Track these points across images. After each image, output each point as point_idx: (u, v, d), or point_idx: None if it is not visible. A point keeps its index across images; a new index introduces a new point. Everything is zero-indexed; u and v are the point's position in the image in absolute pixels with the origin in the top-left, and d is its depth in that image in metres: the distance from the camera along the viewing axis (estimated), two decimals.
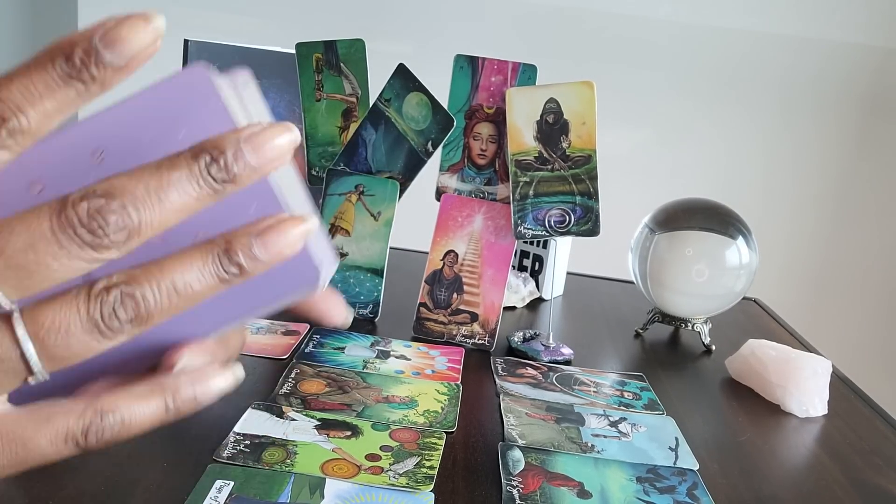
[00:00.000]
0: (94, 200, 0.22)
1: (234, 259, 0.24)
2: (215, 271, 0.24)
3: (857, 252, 1.94)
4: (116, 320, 0.23)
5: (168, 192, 0.23)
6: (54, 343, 0.23)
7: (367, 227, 0.83)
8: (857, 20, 1.81)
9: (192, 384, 0.27)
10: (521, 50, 1.82)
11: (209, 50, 0.89)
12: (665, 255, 0.85)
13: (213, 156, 0.23)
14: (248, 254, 0.24)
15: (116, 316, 0.23)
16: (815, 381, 0.73)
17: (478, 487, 0.53)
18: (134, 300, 0.23)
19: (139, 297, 0.23)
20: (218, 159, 0.23)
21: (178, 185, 0.23)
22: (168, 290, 0.24)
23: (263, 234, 0.24)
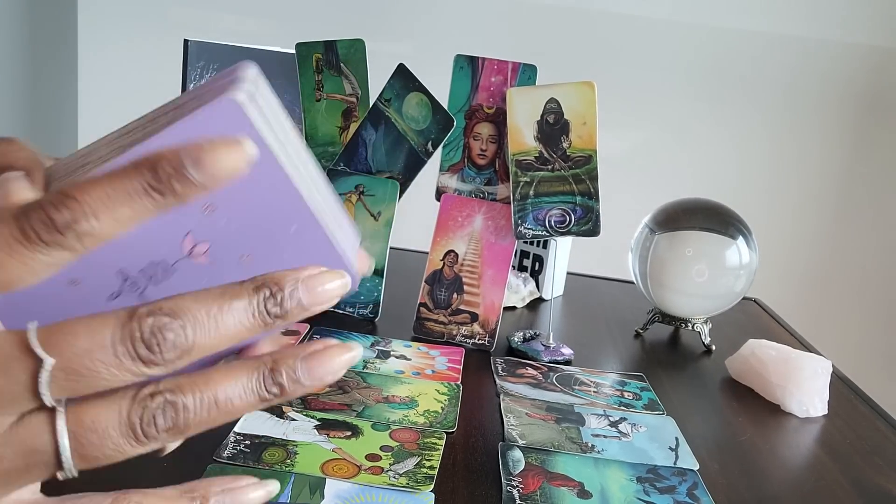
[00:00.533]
0: (160, 318, 0.23)
1: (277, 380, 0.25)
2: (258, 390, 0.25)
3: (858, 252, 1.94)
4: (154, 428, 0.24)
5: (226, 318, 0.24)
6: (89, 442, 0.23)
7: (367, 227, 0.83)
8: (857, 20, 1.81)
9: (223, 495, 0.27)
10: (521, 50, 1.82)
11: (209, 50, 0.89)
12: (665, 255, 0.85)
13: (272, 291, 0.24)
14: (293, 377, 0.25)
15: (155, 423, 0.24)
16: (816, 381, 0.73)
17: (478, 487, 0.53)
18: (175, 410, 0.24)
19: (181, 406, 0.24)
20: (276, 295, 0.24)
21: (236, 314, 0.24)
22: (209, 403, 0.24)
23: (309, 359, 0.25)
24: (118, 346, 0.22)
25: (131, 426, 0.23)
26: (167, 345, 0.23)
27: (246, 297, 0.24)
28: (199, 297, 0.24)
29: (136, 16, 1.90)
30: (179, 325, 0.23)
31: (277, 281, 0.25)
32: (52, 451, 0.23)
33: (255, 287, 0.24)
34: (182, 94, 0.27)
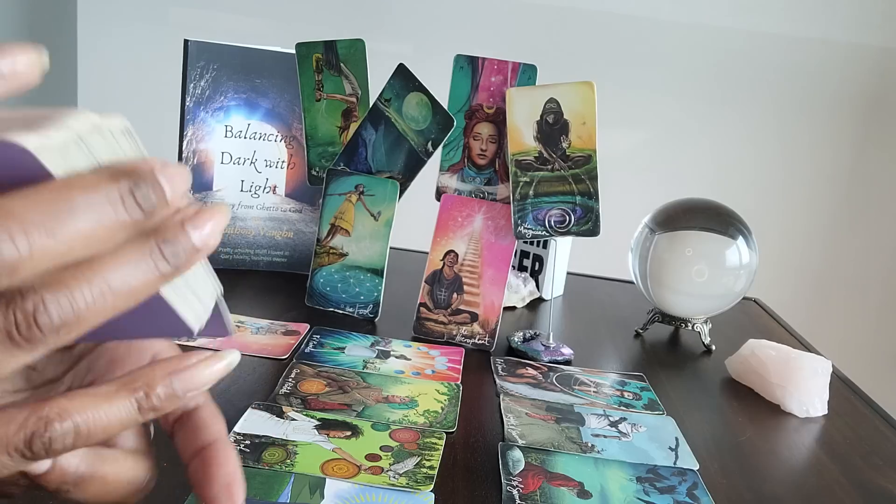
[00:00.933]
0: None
1: (172, 248, 0.22)
2: (154, 261, 0.22)
3: (858, 252, 1.94)
4: (37, 329, 0.20)
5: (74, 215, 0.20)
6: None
7: (367, 227, 0.83)
8: (859, 20, 1.81)
9: (170, 377, 0.24)
10: (521, 50, 1.82)
11: (209, 50, 0.89)
12: (665, 255, 0.85)
13: (136, 181, 0.21)
14: (185, 239, 0.22)
15: (37, 324, 0.20)
16: (815, 381, 0.73)
17: (478, 487, 0.53)
18: (59, 305, 0.20)
19: (66, 301, 0.20)
20: (140, 184, 0.21)
21: (89, 209, 0.20)
22: (101, 288, 0.21)
23: (195, 220, 0.22)
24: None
25: (5, 332, 0.20)
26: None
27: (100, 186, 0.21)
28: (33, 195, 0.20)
29: (136, 16, 1.90)
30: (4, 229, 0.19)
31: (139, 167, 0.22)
32: None
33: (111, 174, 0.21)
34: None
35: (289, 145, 0.93)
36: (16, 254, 0.19)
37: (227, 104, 0.91)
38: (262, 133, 0.92)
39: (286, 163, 0.93)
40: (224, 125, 0.91)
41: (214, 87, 0.90)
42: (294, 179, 0.94)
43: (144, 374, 0.24)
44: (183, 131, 0.90)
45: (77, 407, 0.22)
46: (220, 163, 0.91)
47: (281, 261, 0.95)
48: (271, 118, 0.92)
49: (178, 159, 0.90)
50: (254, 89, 0.91)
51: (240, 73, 0.90)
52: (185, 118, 0.90)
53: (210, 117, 0.90)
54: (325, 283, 0.84)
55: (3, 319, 0.20)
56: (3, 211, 0.19)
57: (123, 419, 0.23)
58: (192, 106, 0.89)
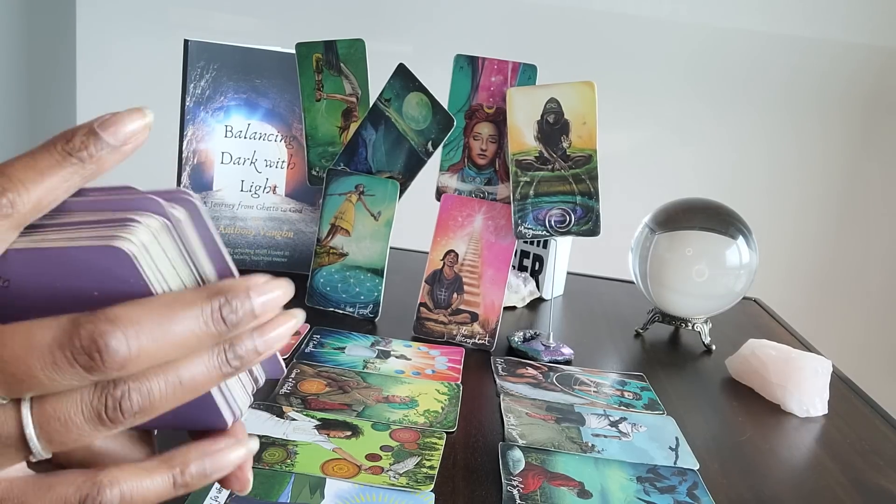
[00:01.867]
0: (101, 325, 0.23)
1: (238, 353, 0.26)
2: (219, 365, 0.26)
3: (859, 252, 1.94)
4: (120, 412, 0.24)
5: (174, 325, 0.24)
6: (54, 429, 0.24)
7: (367, 227, 0.83)
8: (860, 20, 1.81)
9: (203, 459, 0.28)
10: (521, 50, 1.82)
11: (209, 50, 0.89)
12: (665, 255, 0.85)
13: (227, 298, 0.25)
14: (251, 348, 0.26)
15: (121, 408, 0.24)
16: (816, 381, 0.73)
17: (478, 487, 0.53)
18: (140, 394, 0.24)
19: (146, 391, 0.24)
20: (231, 301, 0.25)
21: (186, 321, 0.25)
22: (174, 383, 0.25)
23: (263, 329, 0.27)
24: (56, 352, 0.23)
25: (96, 412, 0.24)
26: (109, 352, 0.23)
27: (198, 304, 0.25)
28: (147, 304, 0.24)
29: (136, 16, 1.90)
30: (122, 331, 0.23)
31: (233, 287, 0.26)
32: (18, 438, 0.24)
33: (208, 294, 0.25)
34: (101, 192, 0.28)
35: (289, 145, 0.93)
36: (128, 354, 0.23)
37: (227, 104, 0.91)
38: (262, 133, 0.92)
39: (286, 163, 0.93)
40: (224, 125, 0.91)
41: (214, 87, 0.90)
42: (294, 179, 0.94)
43: (182, 453, 0.27)
44: (183, 131, 0.90)
45: (125, 477, 0.26)
46: (220, 163, 0.91)
47: (281, 261, 0.95)
48: (271, 118, 0.92)
49: (179, 159, 0.90)
50: (254, 89, 0.91)
51: (240, 73, 0.90)
52: (185, 118, 0.90)
53: (210, 117, 0.90)
54: (326, 283, 0.84)
55: (97, 402, 0.24)
56: (125, 318, 0.23)
57: (160, 492, 0.27)
58: (192, 106, 0.89)
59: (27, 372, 0.23)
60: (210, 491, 0.48)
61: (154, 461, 0.27)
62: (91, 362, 0.23)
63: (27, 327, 0.24)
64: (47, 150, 0.24)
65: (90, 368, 0.23)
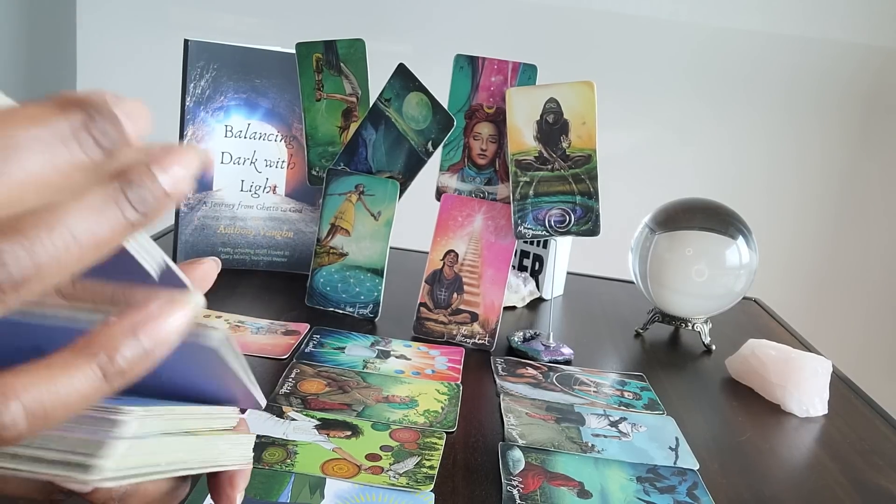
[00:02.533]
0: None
1: (140, 193, 0.19)
2: (120, 206, 0.19)
3: (859, 252, 1.94)
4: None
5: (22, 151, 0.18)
6: None
7: (367, 227, 0.83)
8: (859, 20, 1.81)
9: (135, 332, 0.20)
10: (521, 50, 1.82)
11: (209, 50, 0.89)
12: (665, 254, 0.85)
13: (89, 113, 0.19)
14: (152, 183, 0.19)
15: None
16: (816, 381, 0.73)
17: (478, 487, 0.53)
18: (16, 257, 0.17)
19: (23, 251, 0.17)
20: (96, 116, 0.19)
21: (40, 144, 0.18)
22: (65, 237, 0.18)
23: (160, 161, 0.19)
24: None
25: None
26: None
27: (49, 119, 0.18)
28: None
29: (136, 16, 1.90)
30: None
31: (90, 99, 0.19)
32: None
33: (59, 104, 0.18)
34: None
35: (289, 145, 0.93)
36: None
37: (227, 104, 0.91)
38: (262, 133, 0.92)
39: (286, 163, 0.93)
40: (224, 125, 0.91)
41: (214, 87, 0.90)
42: (294, 179, 0.94)
43: (104, 333, 0.20)
44: (183, 131, 0.90)
45: (28, 383, 0.18)
46: (220, 163, 0.91)
47: (281, 261, 0.95)
48: (271, 118, 0.92)
49: None
50: (254, 89, 0.91)
51: (240, 73, 0.90)
52: (185, 118, 0.90)
53: (210, 117, 0.90)
54: (325, 283, 0.84)
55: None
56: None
57: (86, 392, 0.19)
58: (192, 106, 0.89)
59: None
60: None
61: (65, 353, 0.19)
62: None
63: None
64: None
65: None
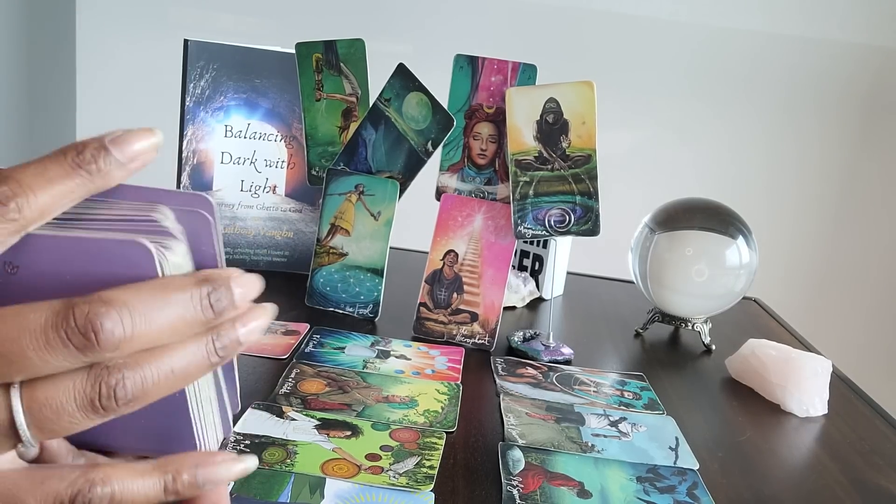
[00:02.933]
0: (96, 306, 0.23)
1: (223, 342, 0.27)
2: (208, 353, 0.26)
3: (859, 252, 1.94)
4: (114, 400, 0.24)
5: (166, 309, 0.25)
6: (45, 416, 0.24)
7: (367, 226, 0.83)
8: (858, 20, 1.81)
9: (197, 468, 0.28)
10: (521, 50, 1.82)
11: (209, 50, 0.89)
12: (665, 254, 0.85)
13: (215, 285, 0.26)
14: (235, 335, 0.27)
15: (115, 395, 0.24)
16: (816, 381, 0.73)
17: (478, 487, 0.53)
18: (134, 381, 0.24)
19: (139, 378, 0.25)
20: (219, 288, 0.26)
21: (177, 305, 0.25)
22: (166, 370, 0.25)
23: (244, 318, 0.27)
24: (49, 332, 0.23)
25: (89, 399, 0.24)
26: (104, 331, 0.23)
27: (189, 288, 0.25)
28: (139, 287, 0.25)
29: (136, 16, 1.90)
30: (116, 311, 0.23)
31: (220, 276, 0.26)
32: (8, 425, 0.24)
33: (196, 280, 0.26)
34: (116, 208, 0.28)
35: (289, 145, 0.93)
36: (122, 334, 0.24)
37: (226, 104, 0.91)
38: (262, 133, 0.92)
39: (286, 163, 0.93)
40: (224, 125, 0.91)
41: (214, 87, 0.90)
42: (294, 179, 0.94)
43: (177, 460, 0.27)
44: (183, 131, 0.90)
45: (118, 475, 0.26)
46: (220, 163, 0.91)
47: (281, 261, 0.95)
48: (271, 118, 0.92)
49: (178, 159, 0.90)
50: (254, 89, 0.91)
51: (240, 73, 0.90)
52: (185, 118, 0.90)
53: (210, 117, 0.90)
54: (325, 283, 0.84)
55: (90, 388, 0.24)
56: (119, 299, 0.24)
57: (150, 495, 0.26)
58: (192, 106, 0.89)
59: (19, 353, 0.23)
60: None
61: (148, 464, 0.27)
62: (85, 342, 0.23)
63: (20, 309, 0.24)
64: (57, 160, 0.25)
65: (84, 348, 0.23)
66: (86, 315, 0.23)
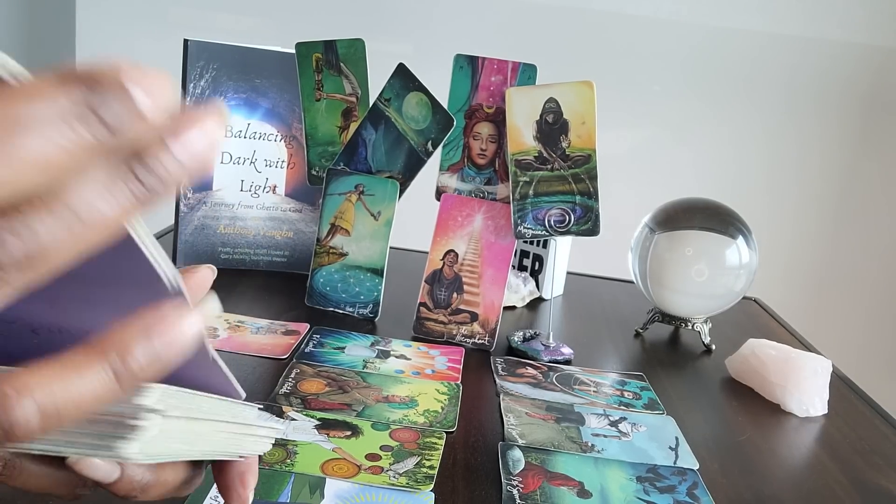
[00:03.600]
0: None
1: (150, 165, 0.18)
2: (126, 180, 0.17)
3: (859, 251, 1.94)
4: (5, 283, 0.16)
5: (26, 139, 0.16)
6: None
7: (367, 226, 0.83)
8: (858, 20, 1.81)
9: (148, 335, 0.20)
10: (521, 50, 1.82)
11: (209, 50, 0.89)
12: (665, 254, 0.85)
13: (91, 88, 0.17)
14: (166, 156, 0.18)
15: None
16: (815, 381, 0.73)
17: (478, 487, 0.53)
18: (20, 236, 0.16)
19: (28, 230, 0.16)
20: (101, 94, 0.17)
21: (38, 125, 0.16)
22: (68, 217, 0.17)
23: (177, 131, 0.18)
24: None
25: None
26: None
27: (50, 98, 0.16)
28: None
29: (136, 16, 1.90)
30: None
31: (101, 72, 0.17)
32: None
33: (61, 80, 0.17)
34: None
35: (289, 145, 0.93)
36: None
37: (226, 104, 0.90)
38: (262, 133, 0.92)
39: (286, 162, 0.93)
40: None
41: (214, 87, 0.90)
42: (294, 179, 0.94)
43: (115, 335, 0.19)
44: None
45: (42, 382, 0.18)
46: (220, 162, 0.91)
47: (281, 260, 0.95)
48: (271, 118, 0.92)
49: None
50: (254, 89, 0.91)
51: (239, 73, 0.90)
52: None
53: None
54: (325, 283, 0.84)
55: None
56: None
57: (99, 393, 0.19)
58: (192, 106, 0.89)
59: None
60: (210, 490, 0.48)
61: (78, 352, 0.19)
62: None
63: None
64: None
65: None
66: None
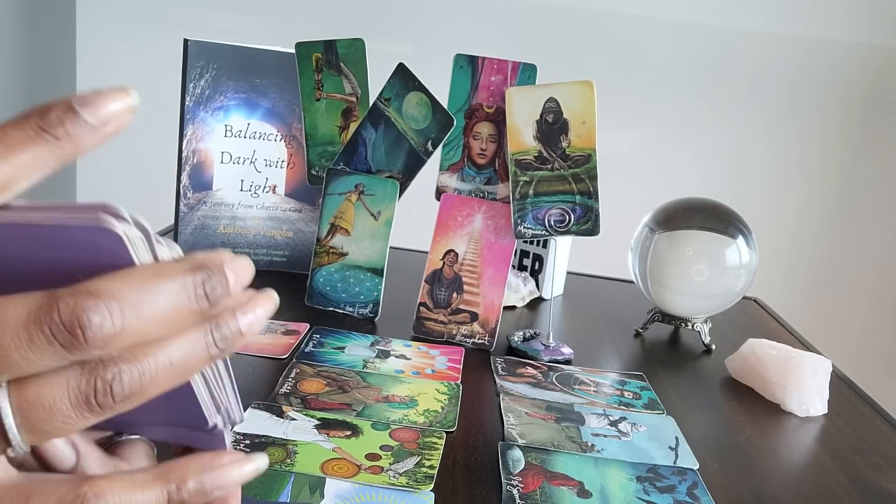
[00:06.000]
0: (82, 299, 0.21)
1: (223, 332, 0.24)
2: (207, 344, 0.24)
3: (859, 251, 1.94)
4: (111, 397, 0.22)
5: (157, 298, 0.22)
6: (37, 417, 0.22)
7: (367, 226, 0.83)
8: (859, 20, 1.81)
9: (202, 473, 0.25)
10: (521, 50, 1.82)
11: (209, 50, 0.89)
12: (665, 254, 0.85)
13: (209, 272, 0.23)
14: (237, 326, 0.25)
15: (112, 392, 0.22)
16: (816, 381, 0.73)
17: (478, 487, 0.53)
18: (131, 376, 0.22)
19: (137, 372, 0.22)
20: (214, 275, 0.23)
21: (169, 294, 0.23)
22: (164, 363, 0.23)
23: (244, 308, 0.25)
24: (32, 329, 0.21)
25: (84, 397, 0.22)
26: (91, 327, 0.21)
27: (180, 276, 0.23)
28: (126, 277, 0.22)
29: (136, 16, 1.90)
30: (104, 304, 0.21)
31: (214, 261, 0.24)
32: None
33: (189, 266, 0.23)
34: None
35: (289, 145, 0.93)
36: (111, 329, 0.21)
37: (226, 104, 0.90)
38: (262, 133, 0.92)
39: (286, 162, 0.93)
40: (224, 125, 0.91)
41: (214, 87, 0.90)
42: (294, 179, 0.94)
43: (179, 466, 0.25)
44: (183, 131, 0.90)
45: (113, 488, 0.23)
46: (220, 162, 0.91)
47: (281, 260, 0.95)
48: (271, 118, 0.92)
49: (178, 159, 0.90)
50: (253, 89, 0.91)
51: (239, 73, 0.90)
52: (185, 118, 0.90)
53: (210, 117, 0.90)
54: (325, 283, 0.84)
55: (85, 386, 0.22)
56: (104, 290, 0.21)
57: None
58: (192, 105, 0.89)
59: (0, 352, 0.21)
60: None
61: (147, 473, 0.25)
62: (72, 339, 0.21)
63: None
64: (19, 125, 0.22)
65: (70, 346, 0.21)
66: (71, 309, 0.21)
